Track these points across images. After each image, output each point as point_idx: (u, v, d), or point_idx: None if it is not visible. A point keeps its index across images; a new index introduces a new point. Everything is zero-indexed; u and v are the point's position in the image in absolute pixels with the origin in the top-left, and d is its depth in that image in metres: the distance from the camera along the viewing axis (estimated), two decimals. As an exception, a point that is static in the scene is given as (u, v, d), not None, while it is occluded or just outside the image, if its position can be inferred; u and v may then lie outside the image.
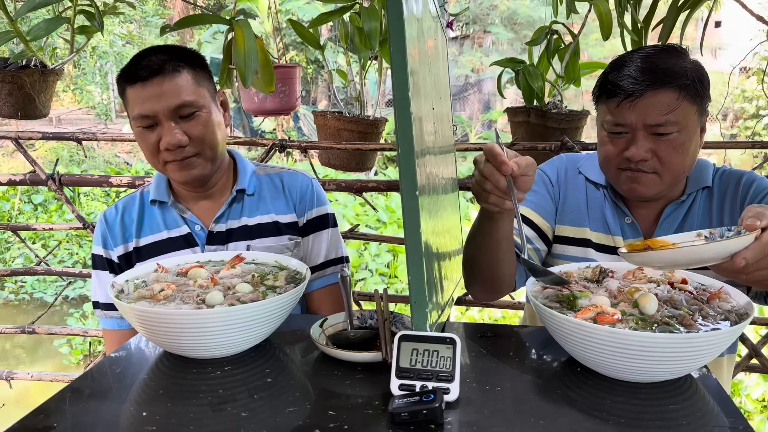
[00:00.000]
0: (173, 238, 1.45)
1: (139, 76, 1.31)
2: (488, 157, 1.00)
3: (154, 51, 1.35)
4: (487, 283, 1.29)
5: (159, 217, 1.47)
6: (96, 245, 1.49)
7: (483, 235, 1.17)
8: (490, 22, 13.39)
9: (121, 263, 1.46)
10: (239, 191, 1.48)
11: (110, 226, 1.48)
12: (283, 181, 1.53)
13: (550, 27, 2.12)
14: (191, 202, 1.48)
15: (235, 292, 1.04)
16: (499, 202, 1.04)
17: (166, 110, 1.31)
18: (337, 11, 2.13)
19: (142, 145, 1.37)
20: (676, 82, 1.18)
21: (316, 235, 1.52)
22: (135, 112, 1.33)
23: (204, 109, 1.36)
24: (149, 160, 1.38)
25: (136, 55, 1.35)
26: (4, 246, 8.52)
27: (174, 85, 1.31)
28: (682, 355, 0.86)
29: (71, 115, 14.06)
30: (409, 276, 0.84)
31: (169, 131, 1.32)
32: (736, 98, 9.94)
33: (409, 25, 0.82)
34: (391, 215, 8.13)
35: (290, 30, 8.15)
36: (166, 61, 1.32)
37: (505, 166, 0.99)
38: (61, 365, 6.26)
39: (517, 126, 2.21)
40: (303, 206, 1.52)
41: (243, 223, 1.47)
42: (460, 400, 0.86)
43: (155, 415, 0.83)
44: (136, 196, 1.51)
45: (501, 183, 1.00)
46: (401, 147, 0.81)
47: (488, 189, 1.03)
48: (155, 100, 1.31)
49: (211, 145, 1.38)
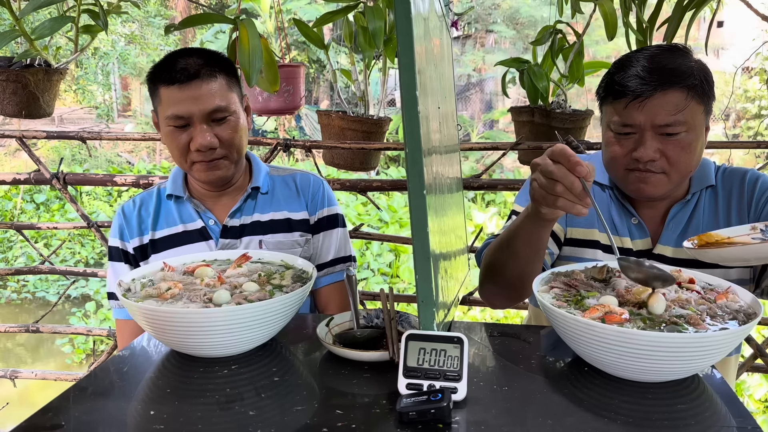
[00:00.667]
0: (188, 231, 1.49)
1: (176, 79, 1.35)
2: (559, 158, 0.97)
3: (190, 53, 1.39)
4: (512, 291, 1.27)
5: (175, 211, 1.51)
6: (113, 237, 1.52)
7: (524, 243, 1.15)
8: (493, 21, 13.37)
9: (136, 254, 1.50)
10: (254, 189, 1.52)
11: (128, 219, 1.51)
12: (296, 182, 1.58)
13: (554, 26, 2.12)
14: (207, 198, 1.52)
15: (242, 291, 1.04)
16: (568, 206, 1.00)
17: (201, 113, 1.36)
18: (341, 10, 2.13)
19: (170, 144, 1.41)
20: (684, 82, 1.18)
21: (326, 233, 1.57)
22: (169, 113, 1.37)
23: (234, 114, 1.41)
24: (176, 158, 1.43)
25: (171, 56, 1.39)
26: (6, 245, 8.53)
27: (209, 90, 1.36)
28: (691, 354, 0.85)
29: (73, 114, 14.07)
30: (416, 275, 0.84)
31: (202, 133, 1.37)
32: (739, 98, 9.92)
33: (416, 24, 0.82)
34: (393, 215, 8.14)
35: (292, 30, 8.05)
36: (203, 66, 1.36)
37: (581, 167, 0.96)
38: (63, 364, 6.27)
39: (521, 125, 2.21)
40: (315, 205, 1.56)
41: (256, 218, 1.51)
42: (468, 399, 0.86)
43: (163, 414, 0.83)
44: (153, 192, 1.55)
45: (576, 185, 0.97)
46: (409, 146, 0.81)
47: (559, 192, 0.98)
48: (191, 102, 1.35)
49: (238, 149, 1.44)
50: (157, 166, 11.58)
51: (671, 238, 1.32)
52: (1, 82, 2.11)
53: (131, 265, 1.50)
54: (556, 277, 1.10)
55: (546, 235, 1.13)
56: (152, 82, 1.39)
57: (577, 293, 1.02)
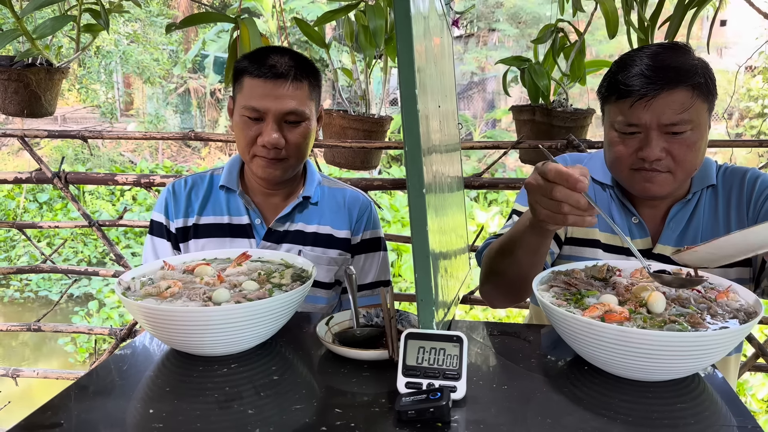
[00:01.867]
0: (233, 224, 1.50)
1: (264, 73, 1.36)
2: (557, 180, 0.96)
3: (284, 53, 1.41)
4: (512, 293, 1.28)
5: (224, 201, 1.52)
6: (158, 212, 1.53)
7: (525, 251, 1.15)
8: (496, 19, 13.35)
9: (177, 235, 1.51)
10: (305, 198, 1.52)
11: (177, 197, 1.53)
12: (345, 198, 1.58)
13: (555, 25, 2.11)
14: (259, 196, 1.53)
15: (242, 290, 1.04)
16: (578, 222, 0.99)
17: (278, 112, 1.38)
18: (342, 9, 2.13)
19: (239, 133, 1.42)
20: (689, 80, 1.17)
21: (368, 255, 1.58)
22: (247, 103, 1.38)
23: (307, 121, 1.43)
24: (240, 148, 1.44)
25: (265, 50, 1.42)
26: (9, 244, 8.56)
27: (293, 93, 1.38)
28: (691, 353, 0.85)
29: (76, 113, 14.11)
30: (415, 274, 0.83)
31: (272, 131, 1.38)
32: (742, 97, 9.90)
33: (416, 22, 0.82)
34: (395, 214, 8.14)
35: (293, 29, 8.07)
36: (294, 68, 1.38)
37: (581, 183, 0.94)
38: (65, 363, 6.29)
39: (522, 124, 2.20)
40: (360, 226, 1.57)
41: (300, 228, 1.52)
42: (467, 398, 0.86)
43: (162, 413, 0.83)
44: (206, 177, 1.56)
45: (582, 202, 0.96)
46: (408, 144, 0.81)
47: (566, 212, 0.98)
48: (272, 99, 1.37)
49: (301, 154, 1.45)
50: (160, 166, 11.60)
51: (671, 237, 1.32)
52: (2, 81, 2.12)
53: (172, 243, 1.51)
54: (556, 276, 1.10)
55: (548, 242, 1.13)
56: (238, 71, 1.41)
57: (577, 292, 1.02)
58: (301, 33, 2.34)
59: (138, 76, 13.51)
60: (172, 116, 14.56)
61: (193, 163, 13.15)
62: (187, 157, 13.82)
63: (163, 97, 14.61)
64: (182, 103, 14.81)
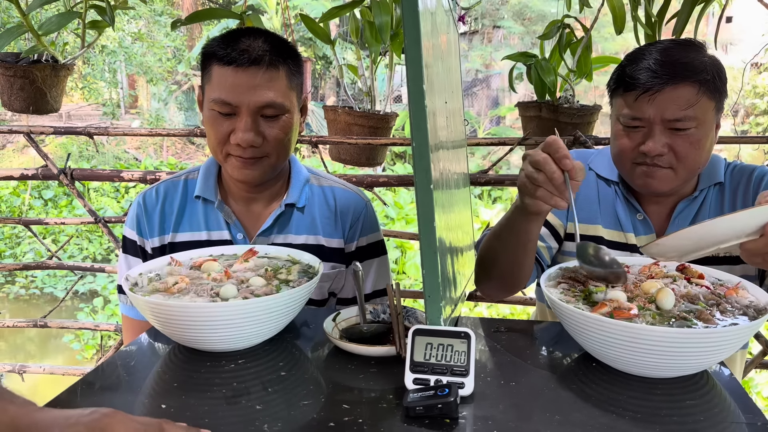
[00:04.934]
0: (213, 241, 1.35)
1: (233, 59, 1.19)
2: (548, 149, 0.97)
3: (256, 34, 1.23)
4: (503, 282, 1.28)
5: (201, 214, 1.37)
6: (129, 228, 1.39)
7: (511, 234, 1.16)
8: (500, 16, 13.32)
9: (155, 255, 1.36)
10: (288, 205, 1.37)
11: (149, 214, 1.37)
12: (336, 200, 1.42)
13: (562, 21, 2.10)
14: (240, 204, 1.38)
15: (249, 286, 1.04)
16: (546, 197, 1.00)
17: (252, 105, 1.21)
18: (348, 5, 2.12)
19: (209, 129, 1.26)
20: (696, 76, 1.16)
21: (365, 263, 1.43)
22: (216, 95, 1.21)
23: (288, 114, 1.26)
24: (211, 146, 1.28)
25: (235, 32, 1.23)
26: (14, 241, 8.59)
27: (267, 82, 1.21)
28: (700, 350, 0.85)
29: (80, 111, 14.14)
30: (423, 270, 0.83)
31: (247, 128, 1.21)
32: (748, 94, 9.85)
33: (423, 18, 0.82)
34: (399, 211, 8.13)
35: (298, 26, 8.05)
36: (268, 53, 1.20)
37: (567, 160, 0.95)
38: (71, 359, 6.31)
39: (528, 121, 2.19)
40: (353, 233, 1.42)
41: (288, 240, 1.37)
42: (475, 394, 0.85)
43: (170, 408, 0.83)
44: (180, 184, 1.40)
45: (556, 176, 0.96)
46: (416, 140, 0.81)
47: (539, 181, 0.98)
48: (243, 90, 1.20)
49: (282, 150, 1.29)
50: (164, 163, 11.62)
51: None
52: (8, 77, 2.12)
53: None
54: (564, 272, 1.10)
55: (534, 228, 1.13)
56: (206, 57, 1.23)
57: (585, 288, 1.01)
58: (306, 29, 2.34)
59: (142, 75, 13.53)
60: (176, 113, 14.58)
61: (197, 160, 13.17)
62: (191, 154, 13.83)
63: (166, 94, 14.62)
64: (186, 100, 14.83)
